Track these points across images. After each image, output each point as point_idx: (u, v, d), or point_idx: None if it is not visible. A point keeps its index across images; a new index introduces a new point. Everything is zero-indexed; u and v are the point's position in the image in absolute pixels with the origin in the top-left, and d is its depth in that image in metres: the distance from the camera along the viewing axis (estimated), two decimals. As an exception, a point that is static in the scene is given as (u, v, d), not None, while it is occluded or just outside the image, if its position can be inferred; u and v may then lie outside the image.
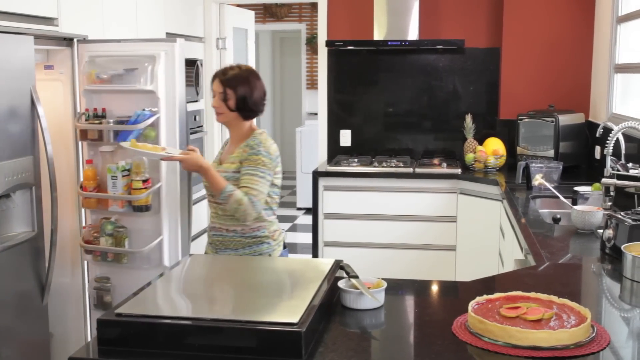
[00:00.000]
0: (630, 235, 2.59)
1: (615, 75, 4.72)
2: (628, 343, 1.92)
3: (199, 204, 5.57)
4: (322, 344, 1.81)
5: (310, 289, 1.99)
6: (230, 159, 3.10)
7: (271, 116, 11.81)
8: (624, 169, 3.47)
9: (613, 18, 4.72)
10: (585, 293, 2.49)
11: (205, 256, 3.00)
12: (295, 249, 7.34)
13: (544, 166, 4.37)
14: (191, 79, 5.27)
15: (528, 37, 5.34)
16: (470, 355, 1.77)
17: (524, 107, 5.25)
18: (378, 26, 5.44)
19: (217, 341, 1.76)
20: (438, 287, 2.46)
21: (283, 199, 9.87)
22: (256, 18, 8.20)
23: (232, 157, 3.10)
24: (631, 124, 3.28)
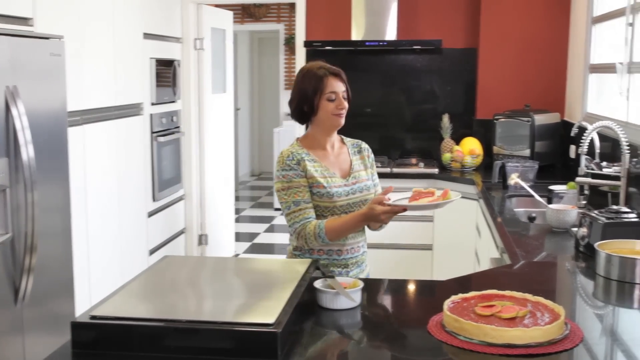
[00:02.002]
0: (604, 233, 2.61)
1: (590, 75, 4.77)
2: (601, 340, 1.94)
3: (175, 206, 5.55)
4: (298, 345, 1.81)
5: (287, 290, 1.98)
6: (357, 165, 2.81)
7: (249, 116, 11.79)
8: (598, 168, 3.51)
9: (588, 19, 4.76)
10: (560, 291, 2.51)
11: (180, 257, 2.99)
12: (272, 249, 7.33)
13: (519, 165, 4.40)
14: (168, 80, 5.25)
15: (505, 38, 5.38)
16: (445, 353, 1.78)
17: (500, 107, 5.29)
18: (356, 26, 5.45)
19: (193, 343, 1.75)
20: (414, 286, 2.47)
21: (260, 200, 9.86)
22: (234, 18, 8.16)
23: (359, 163, 2.82)
24: (605, 123, 3.31)
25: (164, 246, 5.20)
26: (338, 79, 2.74)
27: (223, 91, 6.35)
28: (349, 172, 2.76)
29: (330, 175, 2.70)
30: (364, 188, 2.74)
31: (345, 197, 2.68)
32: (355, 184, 2.73)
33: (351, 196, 2.70)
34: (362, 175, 2.78)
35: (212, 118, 6.01)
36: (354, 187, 2.72)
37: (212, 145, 6.03)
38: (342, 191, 2.68)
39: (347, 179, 2.73)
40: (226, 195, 6.49)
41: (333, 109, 2.70)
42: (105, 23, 4.27)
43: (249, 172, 11.91)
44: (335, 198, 2.65)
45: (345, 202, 2.68)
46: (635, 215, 2.71)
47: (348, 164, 2.79)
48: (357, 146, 2.88)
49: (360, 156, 2.84)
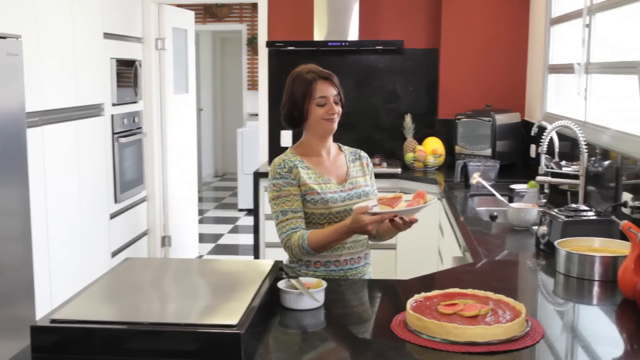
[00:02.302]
0: (564, 231, 2.65)
1: (549, 76, 4.84)
2: (562, 336, 1.97)
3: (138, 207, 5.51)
4: (261, 345, 1.81)
5: (250, 290, 1.98)
6: (355, 171, 2.74)
7: (212, 117, 11.73)
8: (557, 167, 3.56)
9: (546, 20, 4.83)
10: (521, 288, 2.55)
11: (143, 259, 2.96)
12: (236, 250, 7.31)
13: (481, 165, 4.45)
14: (130, 80, 5.20)
15: (465, 39, 5.43)
16: (408, 352, 1.79)
17: (462, 106, 5.34)
18: (318, 27, 5.45)
19: (156, 345, 1.74)
20: (378, 285, 2.48)
21: (224, 200, 9.82)
22: (196, 18, 8.12)
23: (357, 170, 2.75)
24: (564, 123, 3.36)
25: (126, 248, 5.15)
26: (328, 82, 2.67)
27: (185, 91, 6.32)
28: (345, 178, 2.69)
29: (325, 182, 2.63)
30: (362, 194, 2.66)
31: (341, 202, 2.61)
32: (352, 189, 2.66)
33: (348, 202, 2.62)
34: (360, 182, 2.70)
35: (175, 118, 5.97)
36: (351, 193, 2.64)
37: (175, 146, 5.99)
38: (338, 197, 2.61)
39: (344, 184, 2.66)
40: (189, 196, 6.45)
41: (323, 114, 2.63)
42: (64, 22, 4.22)
43: (213, 172, 11.85)
44: (331, 204, 2.58)
45: (341, 208, 2.60)
46: (593, 213, 2.76)
47: (345, 170, 2.72)
48: (356, 154, 2.81)
49: (358, 163, 2.77)
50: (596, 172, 3.37)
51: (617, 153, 3.13)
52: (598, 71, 3.76)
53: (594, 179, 3.37)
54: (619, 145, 3.21)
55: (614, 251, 2.44)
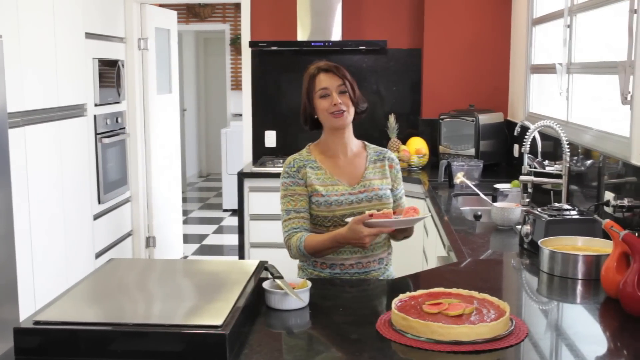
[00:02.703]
0: (547, 230, 2.67)
1: (532, 76, 4.86)
2: (546, 335, 1.98)
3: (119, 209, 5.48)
4: (247, 346, 1.81)
5: (235, 291, 1.97)
6: (372, 173, 2.64)
7: (196, 117, 11.70)
8: (540, 167, 3.58)
9: (528, 20, 4.86)
10: (505, 287, 2.56)
11: (126, 260, 2.94)
12: (221, 251, 7.29)
13: (465, 164, 4.46)
14: (112, 80, 5.18)
15: (449, 39, 5.45)
16: (394, 352, 1.80)
17: (446, 106, 5.36)
18: (301, 27, 5.45)
19: (141, 346, 1.73)
20: (363, 285, 2.48)
21: (209, 201, 9.80)
22: (179, 18, 8.10)
23: (375, 172, 2.65)
24: (546, 123, 3.38)
25: (110, 249, 5.13)
26: (330, 74, 2.58)
27: (169, 92, 6.30)
28: (358, 179, 2.61)
29: (333, 183, 2.58)
30: (375, 197, 2.57)
31: (347, 206, 2.55)
32: (363, 192, 2.58)
33: (356, 205, 2.56)
34: (375, 184, 2.60)
35: (158, 119, 5.95)
36: (360, 196, 2.57)
37: (159, 146, 5.96)
38: (344, 200, 2.55)
39: (354, 187, 2.59)
40: (174, 196, 6.43)
41: (328, 106, 2.56)
42: (45, 22, 4.19)
43: (197, 173, 11.82)
44: (334, 207, 2.54)
45: (347, 212, 2.54)
46: (576, 212, 2.78)
47: (361, 171, 2.63)
48: (380, 154, 2.69)
49: (380, 165, 2.66)
50: (579, 171, 3.39)
51: (599, 152, 3.15)
52: (579, 71, 3.79)
53: (577, 179, 3.40)
54: (601, 144, 3.24)
55: (596, 250, 2.45)
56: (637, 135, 2.80)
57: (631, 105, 2.86)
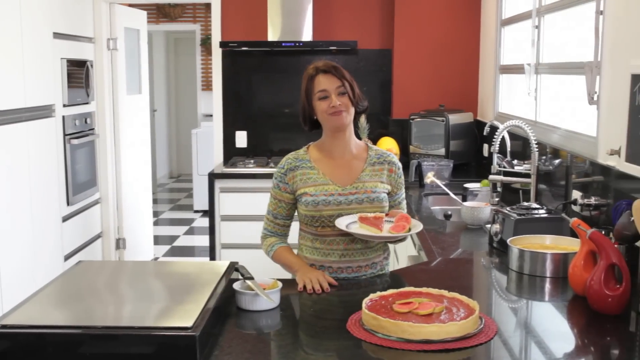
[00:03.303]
0: (516, 229, 2.69)
1: (501, 76, 4.91)
2: (515, 332, 2.00)
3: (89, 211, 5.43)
4: (217, 347, 1.80)
5: (205, 292, 1.97)
6: (368, 175, 2.59)
7: (166, 118, 11.62)
8: (509, 166, 3.61)
9: (497, 21, 4.90)
10: (475, 286, 2.58)
11: (96, 262, 2.92)
12: (192, 252, 7.25)
13: (435, 164, 4.49)
14: (81, 81, 5.13)
15: (419, 39, 5.47)
16: (364, 351, 1.80)
17: (416, 107, 5.38)
18: (272, 27, 5.45)
19: (111, 349, 1.72)
20: (334, 285, 2.48)
21: (179, 202, 9.75)
22: (149, 18, 8.04)
23: (373, 174, 2.60)
24: (515, 122, 3.41)
25: (79, 251, 5.07)
26: (329, 75, 2.54)
27: (138, 92, 6.25)
28: (352, 181, 2.57)
29: (324, 183, 2.54)
30: (366, 200, 2.53)
31: (336, 206, 2.51)
32: (354, 194, 2.53)
33: (345, 206, 2.51)
34: (368, 187, 2.55)
35: (128, 119, 5.90)
36: (350, 198, 2.52)
37: (129, 147, 5.92)
38: (333, 200, 2.51)
39: (346, 187, 2.54)
40: (144, 197, 6.39)
41: (326, 108, 2.52)
42: (12, 22, 4.13)
43: (167, 174, 11.74)
44: (321, 207, 2.50)
45: (335, 212, 2.50)
46: (544, 211, 2.81)
47: (356, 173, 2.59)
48: (381, 157, 2.64)
49: (379, 168, 2.61)
50: (547, 170, 3.43)
51: (567, 152, 3.19)
52: (547, 71, 3.83)
53: (545, 178, 3.44)
54: (569, 144, 3.28)
55: (564, 248, 2.49)
56: (603, 134, 2.84)
57: (597, 105, 2.90)
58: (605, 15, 2.82)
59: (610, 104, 2.78)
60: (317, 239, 2.57)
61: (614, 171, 2.66)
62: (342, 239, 2.53)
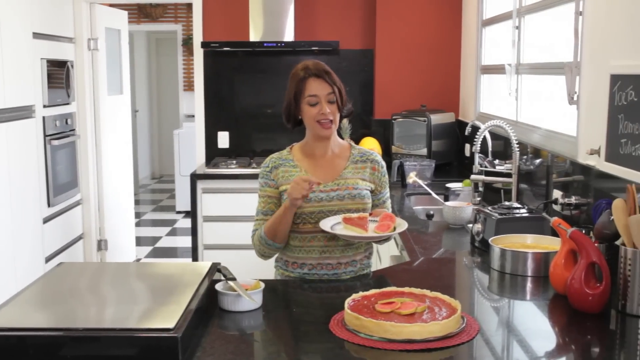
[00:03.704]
0: (497, 228, 2.71)
1: (482, 76, 4.93)
2: (497, 331, 2.01)
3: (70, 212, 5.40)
4: (199, 349, 1.79)
5: (187, 293, 1.96)
6: (350, 173, 2.59)
7: (148, 118, 11.57)
8: (491, 166, 3.63)
9: (478, 21, 4.92)
10: (457, 285, 2.59)
11: (77, 263, 2.90)
12: (175, 253, 7.23)
13: (417, 164, 4.50)
14: (61, 81, 5.09)
15: (400, 39, 5.49)
16: (347, 351, 1.80)
17: (398, 107, 5.40)
18: (254, 27, 5.44)
19: (92, 351, 1.71)
20: (316, 285, 2.49)
21: (162, 203, 9.71)
22: (130, 18, 8.00)
23: (355, 172, 2.59)
24: (496, 122, 3.43)
25: (61, 253, 5.04)
26: (321, 80, 2.51)
27: (120, 93, 6.22)
28: (334, 178, 2.56)
29: None
30: (347, 196, 2.52)
31: (317, 203, 2.50)
32: (336, 190, 2.52)
33: (326, 203, 2.50)
34: (350, 183, 2.54)
35: (109, 120, 5.87)
36: (332, 194, 2.51)
37: (110, 148, 5.89)
38: (314, 196, 2.50)
39: (328, 184, 2.53)
40: (126, 198, 6.35)
41: (315, 115, 2.50)
42: (-8, 22, 4.10)
43: (150, 174, 11.69)
44: (302, 203, 2.47)
45: (316, 209, 2.50)
46: (525, 211, 2.82)
47: (338, 171, 2.58)
48: (364, 156, 2.64)
49: (361, 166, 2.60)
50: (528, 170, 3.45)
51: (547, 152, 3.21)
52: (528, 72, 3.85)
53: (526, 177, 3.46)
54: (549, 144, 3.30)
55: (545, 247, 2.50)
56: (583, 134, 2.86)
57: (577, 105, 2.92)
58: (585, 16, 2.84)
59: (590, 104, 2.80)
60: (298, 236, 2.57)
61: (594, 171, 2.68)
62: (322, 236, 2.53)
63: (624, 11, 2.51)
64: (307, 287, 2.46)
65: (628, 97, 2.38)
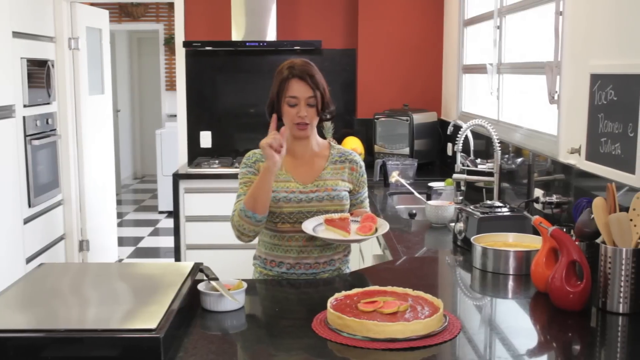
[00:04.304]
0: (479, 227, 2.72)
1: (463, 76, 4.95)
2: (480, 330, 2.02)
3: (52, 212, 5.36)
4: (182, 349, 1.79)
5: (169, 294, 1.95)
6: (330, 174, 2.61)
7: (130, 118, 11.52)
8: (473, 165, 3.65)
9: (460, 21, 4.94)
10: (440, 284, 2.60)
11: (59, 264, 2.88)
12: (157, 253, 7.20)
13: (400, 163, 4.52)
14: (42, 81, 5.06)
15: (382, 39, 5.50)
16: (330, 351, 1.80)
17: (380, 106, 5.41)
18: (236, 27, 5.43)
19: (74, 353, 1.70)
20: (299, 285, 2.49)
21: (144, 203, 9.67)
22: (111, 18, 7.96)
23: (335, 172, 2.62)
24: (478, 122, 3.45)
25: (42, 254, 5.00)
26: (303, 82, 2.49)
27: (101, 92, 6.18)
28: (314, 179, 2.58)
29: (285, 180, 2.56)
30: (326, 197, 2.54)
31: (296, 204, 2.52)
32: (315, 192, 2.55)
33: (305, 204, 2.53)
34: (329, 185, 2.56)
35: (91, 120, 5.84)
36: (311, 195, 2.54)
37: (91, 148, 5.85)
38: (293, 197, 2.52)
39: (307, 185, 2.56)
40: (107, 199, 6.32)
41: (293, 116, 2.51)
42: (-29, 21, 4.07)
43: (132, 174, 11.64)
44: (282, 203, 2.50)
45: (295, 210, 2.53)
46: (507, 210, 2.84)
47: (318, 171, 2.60)
48: (343, 156, 2.65)
49: (340, 166, 2.63)
50: (510, 169, 3.47)
51: (529, 151, 3.23)
52: (509, 71, 3.88)
53: (508, 176, 3.47)
54: (531, 143, 3.32)
55: (527, 246, 2.51)
56: (564, 133, 2.88)
57: (558, 104, 2.94)
58: (565, 16, 2.86)
59: (570, 104, 2.82)
60: (276, 235, 2.58)
61: (574, 169, 2.70)
62: (300, 236, 2.54)
63: (603, 11, 2.53)
64: (289, 286, 2.46)
65: (608, 97, 2.40)
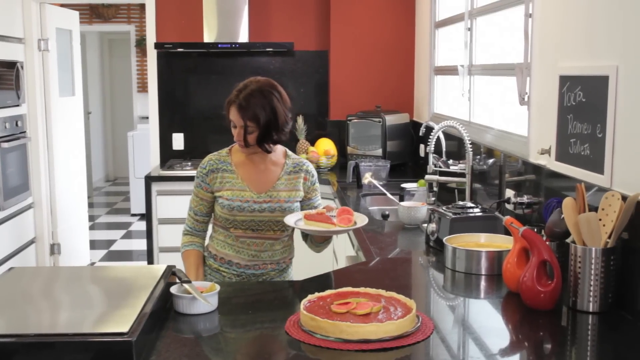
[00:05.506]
0: (452, 228, 2.74)
1: (435, 77, 4.98)
2: (453, 330, 2.03)
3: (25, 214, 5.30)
4: (154, 352, 1.78)
5: (142, 297, 1.94)
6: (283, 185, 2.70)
7: (101, 120, 11.43)
8: (445, 166, 3.67)
9: (431, 23, 4.97)
10: (413, 285, 2.61)
11: (29, 268, 2.85)
12: (130, 256, 7.15)
13: (372, 165, 4.53)
14: (11, 83, 5.00)
15: (354, 41, 5.51)
16: (303, 352, 1.80)
17: (353, 108, 5.42)
18: (208, 28, 5.41)
19: (44, 357, 1.68)
20: (272, 287, 2.49)
21: (116, 205, 9.59)
22: (82, 19, 7.88)
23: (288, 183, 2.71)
24: (449, 123, 3.47)
25: (12, 257, 4.94)
26: (237, 111, 2.61)
27: (72, 94, 6.12)
28: (267, 189, 2.67)
29: (241, 189, 2.64)
30: (278, 209, 2.64)
31: (249, 213, 2.62)
32: (267, 202, 2.63)
33: (257, 214, 2.63)
34: (282, 196, 2.66)
35: (61, 122, 5.78)
36: (264, 206, 2.63)
37: (62, 150, 5.79)
38: (247, 207, 2.62)
39: (261, 195, 2.64)
40: (79, 201, 6.26)
41: (235, 136, 2.66)
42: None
43: (104, 177, 11.55)
44: (236, 212, 2.62)
45: (248, 219, 2.63)
46: (479, 210, 2.86)
47: (272, 181, 2.69)
48: (297, 166, 2.75)
49: (294, 176, 2.72)
50: (481, 170, 3.50)
51: (500, 151, 3.25)
52: (480, 73, 3.91)
53: (480, 177, 3.50)
54: (502, 144, 3.35)
55: (498, 246, 2.53)
56: (534, 134, 2.91)
57: (528, 105, 2.97)
58: (534, 18, 2.89)
59: (540, 105, 2.85)
60: (230, 235, 2.69)
61: (544, 170, 2.73)
62: (252, 241, 2.67)
63: (572, 14, 2.56)
64: (262, 288, 2.46)
65: (577, 98, 2.43)
